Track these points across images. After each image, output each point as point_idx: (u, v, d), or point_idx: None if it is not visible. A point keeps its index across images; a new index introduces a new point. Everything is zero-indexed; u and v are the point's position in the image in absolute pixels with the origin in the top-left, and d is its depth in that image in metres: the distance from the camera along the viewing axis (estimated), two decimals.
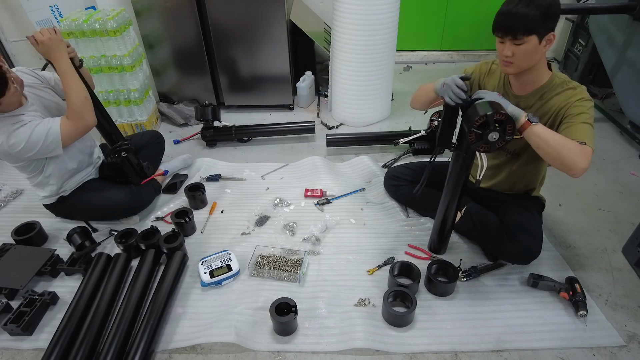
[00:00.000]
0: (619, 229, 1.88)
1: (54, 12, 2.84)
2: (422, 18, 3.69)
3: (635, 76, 2.40)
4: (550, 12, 1.26)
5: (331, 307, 1.54)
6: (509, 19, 1.28)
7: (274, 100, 3.01)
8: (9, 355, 1.42)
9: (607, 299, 1.56)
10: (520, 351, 1.39)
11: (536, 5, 1.24)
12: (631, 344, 1.40)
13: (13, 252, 1.73)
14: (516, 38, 1.29)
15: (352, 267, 1.70)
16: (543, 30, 1.28)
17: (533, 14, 1.25)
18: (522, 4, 1.26)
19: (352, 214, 1.99)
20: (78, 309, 1.47)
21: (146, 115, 2.70)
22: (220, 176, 2.30)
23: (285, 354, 1.40)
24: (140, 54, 2.65)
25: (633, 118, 2.51)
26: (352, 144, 2.53)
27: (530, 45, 1.30)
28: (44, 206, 1.92)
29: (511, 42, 1.31)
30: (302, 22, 2.94)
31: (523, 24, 1.27)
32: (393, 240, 1.83)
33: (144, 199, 2.00)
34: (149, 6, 2.61)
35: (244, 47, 2.75)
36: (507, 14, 1.28)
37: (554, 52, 3.86)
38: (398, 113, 2.98)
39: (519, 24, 1.27)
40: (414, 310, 1.44)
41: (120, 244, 1.76)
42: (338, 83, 2.74)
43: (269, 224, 1.95)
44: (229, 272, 1.63)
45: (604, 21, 2.69)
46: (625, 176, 2.25)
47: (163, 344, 1.43)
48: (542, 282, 1.56)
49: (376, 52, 2.51)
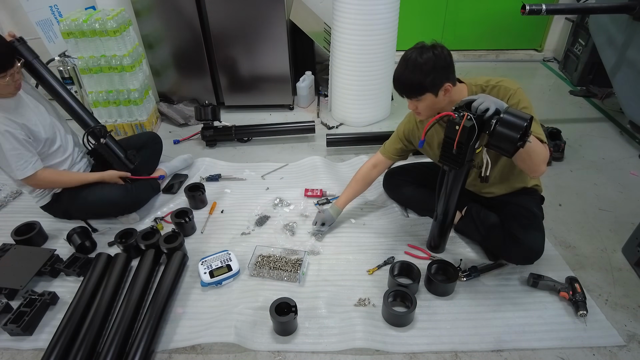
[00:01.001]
0: (619, 229, 1.88)
1: (53, 12, 2.84)
2: (422, 18, 3.69)
3: (635, 76, 2.40)
4: (435, 72, 1.33)
5: (331, 307, 1.54)
6: (398, 85, 1.41)
7: (274, 100, 3.01)
8: (9, 355, 1.42)
9: (607, 299, 1.56)
10: (520, 351, 1.39)
11: (419, 70, 1.33)
12: (631, 343, 1.40)
13: (13, 252, 1.73)
14: (410, 98, 1.42)
15: (352, 267, 1.70)
16: (433, 88, 1.36)
17: (417, 79, 1.35)
18: (408, 70, 1.36)
19: (352, 214, 1.99)
20: (78, 309, 1.47)
21: (146, 115, 2.70)
22: (220, 176, 2.30)
23: (285, 354, 1.40)
24: (140, 54, 2.65)
25: (633, 118, 2.51)
26: (352, 144, 2.53)
27: (428, 100, 1.40)
28: (41, 209, 1.91)
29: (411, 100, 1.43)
30: (302, 22, 2.94)
31: (410, 90, 1.39)
32: (393, 240, 1.83)
33: (140, 197, 1.99)
34: (148, 6, 2.61)
35: (244, 47, 2.75)
36: (397, 80, 1.40)
37: (554, 52, 3.87)
38: (398, 113, 2.98)
39: (407, 90, 1.40)
40: (414, 310, 1.44)
41: (120, 244, 1.76)
42: (338, 83, 2.74)
43: (269, 224, 1.95)
44: (229, 272, 1.63)
45: (603, 21, 2.69)
46: (625, 176, 2.25)
47: (163, 344, 1.43)
48: (542, 281, 1.56)
49: (376, 52, 2.51)
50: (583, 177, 2.25)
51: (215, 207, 2.06)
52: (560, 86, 3.37)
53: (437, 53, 1.34)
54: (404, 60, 1.38)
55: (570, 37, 3.42)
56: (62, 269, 1.67)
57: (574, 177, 2.25)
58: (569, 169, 2.31)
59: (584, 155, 2.42)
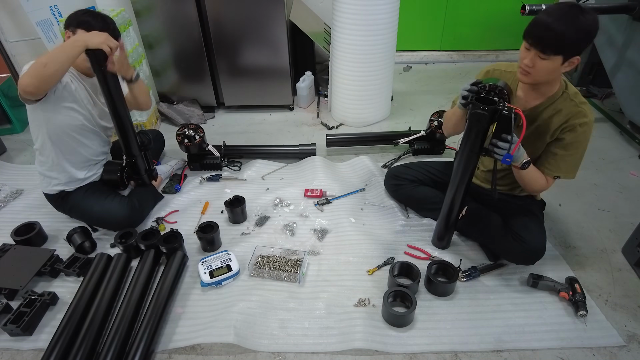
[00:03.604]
0: (618, 229, 1.88)
1: (53, 13, 2.83)
2: (422, 18, 3.68)
3: (635, 76, 2.40)
4: (588, 37, 1.24)
5: (331, 307, 1.54)
6: (545, 32, 1.23)
7: (274, 101, 3.01)
8: (8, 355, 1.42)
9: (607, 299, 1.56)
10: (520, 351, 1.39)
11: (576, 27, 1.20)
12: (631, 344, 1.41)
13: (13, 252, 1.73)
14: (543, 52, 1.26)
15: (352, 267, 1.70)
16: (573, 53, 1.26)
17: (570, 35, 1.21)
18: (562, 21, 1.20)
19: (352, 214, 1.99)
20: (78, 309, 1.47)
21: (146, 116, 2.69)
22: (220, 176, 2.30)
23: (285, 354, 1.40)
24: (140, 54, 2.65)
25: (633, 118, 2.51)
26: (352, 144, 2.53)
27: (554, 63, 1.28)
28: (45, 195, 1.89)
29: (536, 54, 1.28)
30: (302, 22, 2.94)
31: (556, 43, 1.23)
32: (393, 240, 1.83)
33: (143, 214, 1.96)
34: (148, 6, 2.61)
35: (243, 47, 2.75)
36: (545, 27, 1.23)
37: None
38: (398, 113, 2.98)
39: (552, 41, 1.23)
40: (413, 310, 1.44)
41: (120, 244, 1.76)
42: (338, 83, 2.74)
43: (269, 224, 1.95)
44: (229, 272, 1.63)
45: (604, 21, 2.68)
46: (625, 176, 2.25)
47: (163, 344, 1.43)
48: (542, 282, 1.56)
49: (376, 52, 2.51)
50: (583, 177, 2.25)
51: (208, 207, 2.06)
52: None
53: (596, 19, 1.22)
54: (559, 10, 1.22)
55: None
56: (62, 269, 1.67)
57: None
58: None
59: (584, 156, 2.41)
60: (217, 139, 2.57)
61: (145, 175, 2.03)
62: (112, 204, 1.85)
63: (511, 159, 1.31)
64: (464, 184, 1.52)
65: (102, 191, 1.90)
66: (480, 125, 1.30)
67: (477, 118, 1.29)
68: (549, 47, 1.24)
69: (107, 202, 1.85)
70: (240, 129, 2.86)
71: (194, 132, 2.27)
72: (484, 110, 1.27)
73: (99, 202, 1.85)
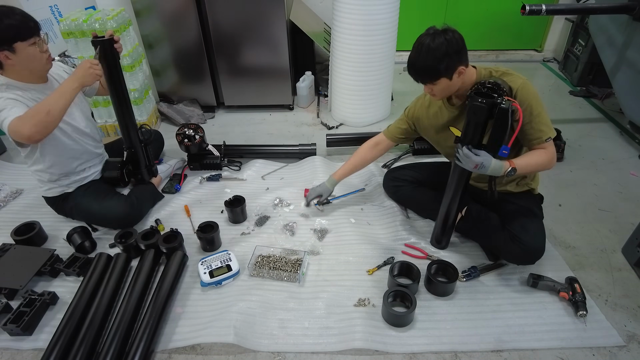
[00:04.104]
0: (618, 229, 1.88)
1: (53, 12, 2.84)
2: (422, 18, 3.69)
3: (635, 76, 2.40)
4: (449, 57, 1.34)
5: (331, 307, 1.54)
6: (413, 70, 1.42)
7: (274, 100, 3.01)
8: (8, 355, 1.42)
9: (607, 299, 1.56)
10: (520, 351, 1.39)
11: (432, 56, 1.34)
12: (631, 344, 1.40)
13: (13, 252, 1.73)
14: (424, 84, 1.44)
15: (352, 267, 1.70)
16: (447, 72, 1.37)
17: (431, 65, 1.35)
18: (422, 57, 1.36)
19: (352, 214, 1.99)
20: (78, 309, 1.47)
21: (146, 116, 2.70)
22: (220, 176, 2.30)
23: (285, 354, 1.40)
24: (140, 54, 2.65)
25: (633, 118, 2.51)
26: (352, 144, 2.52)
27: (443, 83, 1.41)
28: (45, 199, 1.90)
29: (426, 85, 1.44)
30: (302, 22, 2.94)
31: (425, 75, 1.40)
32: (393, 241, 1.83)
33: (142, 213, 1.97)
34: (148, 6, 2.61)
35: (243, 47, 2.75)
36: (411, 66, 1.41)
37: (554, 52, 3.87)
38: (398, 113, 2.95)
39: (422, 75, 1.41)
40: (413, 310, 1.44)
41: (120, 244, 1.76)
42: (338, 83, 2.74)
43: (268, 224, 1.95)
44: (229, 272, 1.63)
45: (603, 21, 2.69)
46: (625, 176, 2.25)
47: (163, 344, 1.43)
48: (541, 282, 1.56)
49: (376, 52, 2.52)
50: (583, 177, 2.25)
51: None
52: (560, 86, 3.37)
53: (449, 38, 1.34)
54: (417, 46, 1.38)
55: (570, 37, 3.42)
56: (62, 269, 1.67)
57: (574, 177, 2.25)
58: (569, 169, 2.31)
59: (584, 156, 2.42)
60: (217, 138, 2.58)
61: (145, 170, 2.03)
62: (111, 202, 1.86)
63: (508, 150, 1.34)
64: (462, 183, 1.52)
65: (101, 189, 1.91)
66: (478, 118, 1.32)
67: (474, 111, 1.32)
68: (424, 79, 1.42)
69: (106, 200, 1.86)
70: (240, 128, 2.86)
71: (194, 131, 2.27)
72: (482, 103, 1.29)
73: (98, 200, 1.85)
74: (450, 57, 1.34)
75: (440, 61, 1.34)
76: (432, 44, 1.33)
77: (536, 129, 1.42)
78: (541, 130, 1.42)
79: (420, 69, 1.39)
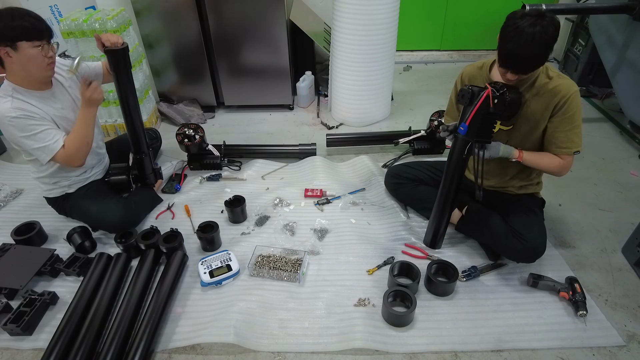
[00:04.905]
0: (618, 229, 1.88)
1: (53, 12, 2.84)
2: (422, 18, 3.69)
3: (635, 76, 2.40)
4: (551, 45, 1.28)
5: (331, 307, 1.54)
6: (516, 61, 1.31)
7: (274, 100, 3.01)
8: (8, 355, 1.42)
9: (607, 299, 1.56)
10: (520, 351, 1.39)
11: (538, 43, 1.24)
12: (631, 344, 1.40)
13: (13, 252, 1.73)
14: (524, 74, 1.36)
15: (352, 267, 1.70)
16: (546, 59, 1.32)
17: (537, 53, 1.27)
18: (533, 45, 1.25)
19: (352, 214, 1.99)
20: (78, 309, 1.47)
21: (146, 115, 2.69)
22: (220, 176, 2.30)
23: (285, 354, 1.40)
24: (140, 54, 2.65)
25: (633, 118, 2.51)
26: (352, 144, 2.53)
27: None
28: (46, 199, 1.91)
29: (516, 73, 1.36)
30: (302, 22, 2.94)
31: (528, 65, 1.32)
32: (393, 241, 1.83)
33: (139, 217, 1.96)
34: (148, 6, 2.61)
35: (243, 47, 2.75)
36: (515, 56, 1.29)
37: (554, 52, 3.87)
38: (398, 113, 2.98)
39: (525, 66, 1.32)
40: (413, 310, 1.44)
41: (120, 244, 1.76)
42: (338, 83, 2.74)
43: (268, 224, 1.95)
44: (229, 272, 1.63)
45: (603, 21, 2.69)
46: (625, 176, 2.25)
47: (163, 344, 1.43)
48: (541, 282, 1.56)
49: (376, 52, 2.51)
50: (583, 177, 2.25)
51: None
52: None
53: (556, 25, 1.26)
54: (522, 34, 1.25)
55: (570, 37, 3.42)
56: (62, 269, 1.67)
57: (574, 177, 2.25)
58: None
59: (584, 155, 2.42)
60: (217, 138, 2.58)
61: (152, 174, 2.03)
62: (108, 205, 1.84)
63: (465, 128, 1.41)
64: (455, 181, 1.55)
65: (100, 191, 1.90)
66: (464, 101, 1.43)
67: (462, 94, 1.43)
68: (527, 69, 1.34)
69: (104, 203, 1.85)
70: (240, 128, 2.86)
71: (194, 131, 2.27)
72: (469, 88, 1.41)
73: (96, 203, 1.84)
74: (552, 43, 1.28)
75: (548, 44, 1.26)
76: (545, 33, 1.24)
77: (569, 139, 1.45)
78: (573, 141, 1.46)
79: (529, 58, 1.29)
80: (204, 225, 1.80)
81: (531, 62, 1.31)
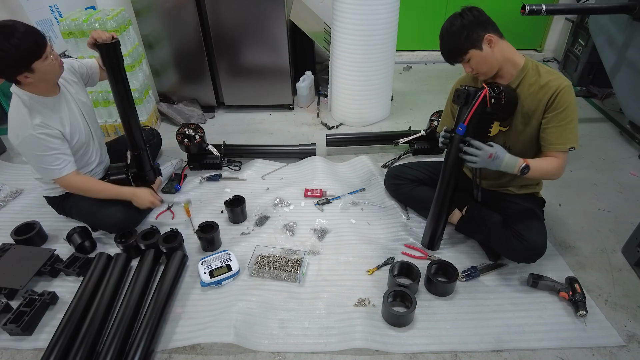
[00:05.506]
0: (618, 229, 1.88)
1: (53, 12, 2.84)
2: (422, 18, 3.69)
3: (635, 76, 2.40)
4: (467, 29, 1.38)
5: (331, 307, 1.54)
6: (443, 54, 1.49)
7: (274, 100, 3.01)
8: (8, 355, 1.42)
9: (607, 299, 1.56)
10: (520, 351, 1.39)
11: (452, 35, 1.41)
12: (631, 344, 1.40)
13: (13, 252, 1.73)
14: (458, 62, 1.47)
15: (352, 267, 1.70)
16: (473, 42, 1.40)
17: (454, 43, 1.42)
18: (445, 38, 1.44)
19: (352, 214, 1.99)
20: (78, 309, 1.47)
21: (146, 115, 2.70)
22: (220, 176, 2.30)
23: (285, 354, 1.40)
24: (140, 54, 2.65)
25: (633, 118, 2.51)
26: (352, 144, 2.53)
27: (476, 56, 1.42)
28: (45, 199, 1.91)
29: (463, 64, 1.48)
30: (302, 22, 2.94)
31: (453, 54, 1.45)
32: (393, 241, 1.83)
33: (139, 218, 1.96)
34: (148, 6, 2.61)
35: (243, 47, 2.75)
36: (442, 52, 1.48)
37: (554, 52, 3.87)
38: (398, 113, 2.98)
39: (450, 56, 1.47)
40: (413, 310, 1.44)
41: (120, 244, 1.76)
42: (338, 83, 2.74)
43: (268, 224, 1.95)
44: (229, 272, 1.63)
45: (603, 21, 2.69)
46: (625, 176, 2.25)
47: (163, 344, 1.43)
48: (541, 282, 1.56)
49: (376, 52, 2.51)
50: (583, 177, 2.25)
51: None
52: None
53: (465, 15, 1.40)
54: (441, 34, 1.46)
55: (570, 37, 3.42)
56: (62, 269, 1.67)
57: (574, 177, 2.25)
58: (569, 169, 2.31)
59: (584, 155, 2.42)
60: (217, 138, 2.58)
61: (151, 171, 2.03)
62: (108, 207, 1.84)
63: (463, 128, 1.42)
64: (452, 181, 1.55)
65: None
66: (459, 101, 1.44)
67: (458, 94, 1.45)
68: (455, 58, 1.46)
69: (104, 202, 1.84)
70: (240, 128, 2.86)
71: (194, 131, 2.27)
72: (465, 88, 1.42)
73: (96, 203, 1.84)
74: (469, 28, 1.38)
75: (459, 35, 1.39)
76: (450, 25, 1.41)
77: (563, 135, 1.43)
78: (567, 137, 1.43)
79: (447, 50, 1.45)
80: (204, 225, 1.80)
81: (450, 51, 1.45)
